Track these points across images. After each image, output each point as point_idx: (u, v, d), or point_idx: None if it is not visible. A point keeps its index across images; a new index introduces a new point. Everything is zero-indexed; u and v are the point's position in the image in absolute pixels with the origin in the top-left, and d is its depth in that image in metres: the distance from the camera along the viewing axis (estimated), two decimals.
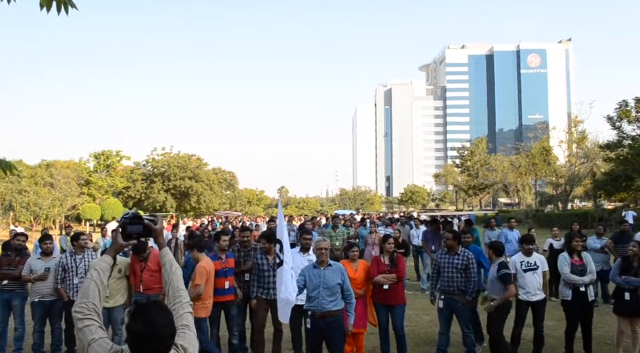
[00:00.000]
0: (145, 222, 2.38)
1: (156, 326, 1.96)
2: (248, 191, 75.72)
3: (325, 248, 5.57)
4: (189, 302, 2.33)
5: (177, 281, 2.35)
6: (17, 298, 7.30)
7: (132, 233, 2.37)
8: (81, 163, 54.18)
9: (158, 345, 1.98)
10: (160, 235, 2.47)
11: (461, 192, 71.80)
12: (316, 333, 5.37)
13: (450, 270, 6.49)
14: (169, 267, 2.40)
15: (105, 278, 2.34)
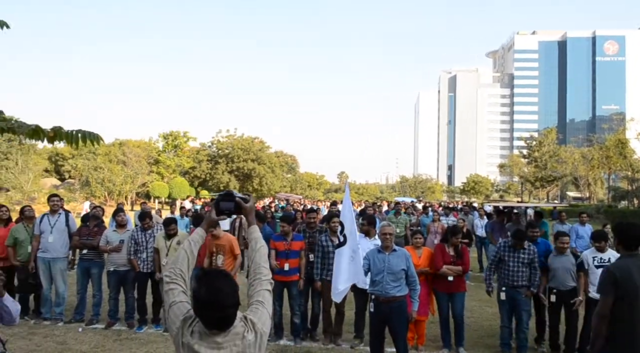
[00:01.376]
0: (236, 199, 2.43)
1: (218, 293, 2.02)
2: (309, 175, 76.41)
3: (390, 234, 5.55)
4: (269, 280, 2.34)
5: (260, 258, 2.37)
6: (95, 267, 7.74)
7: (224, 210, 2.44)
8: (151, 143, 56.44)
9: (219, 312, 2.04)
10: (250, 213, 2.50)
11: (527, 184, 69.28)
12: (379, 318, 5.38)
13: (516, 265, 6.34)
14: (254, 244, 2.44)
15: (195, 248, 2.44)
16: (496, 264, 6.59)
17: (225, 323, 2.07)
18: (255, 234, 2.46)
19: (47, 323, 7.56)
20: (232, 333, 2.07)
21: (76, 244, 7.85)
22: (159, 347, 6.52)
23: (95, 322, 7.55)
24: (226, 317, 2.06)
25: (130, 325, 7.42)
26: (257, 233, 2.47)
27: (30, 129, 3.03)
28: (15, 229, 7.87)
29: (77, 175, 48.20)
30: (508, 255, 6.42)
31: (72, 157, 51.26)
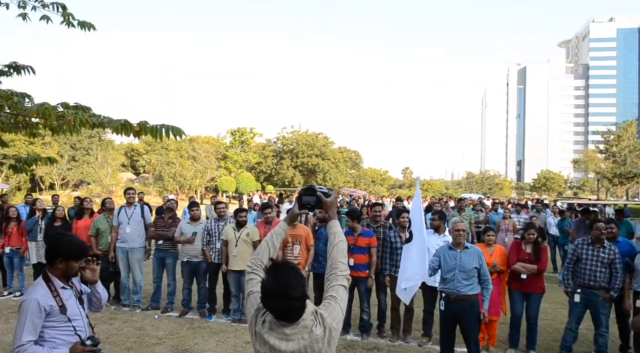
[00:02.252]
0: (318, 193, 2.44)
1: (284, 285, 2.02)
2: (372, 171, 75.97)
3: (462, 230, 5.39)
4: (346, 275, 2.30)
5: (337, 253, 2.34)
6: (170, 257, 8.08)
7: (306, 203, 2.46)
8: (219, 139, 58.08)
9: (284, 304, 2.04)
10: (331, 208, 2.48)
11: (604, 181, 65.50)
12: (450, 316, 5.25)
13: (594, 264, 5.94)
14: (332, 238, 2.41)
15: (277, 241, 2.50)
16: (574, 263, 6.24)
17: (291, 315, 2.07)
18: (334, 228, 2.43)
19: (126, 310, 7.97)
20: (300, 325, 2.07)
21: (152, 235, 8.23)
22: (229, 337, 6.70)
23: (169, 310, 7.88)
24: (291, 309, 2.06)
25: (202, 314, 7.68)
26: (336, 228, 2.44)
27: (119, 124, 3.19)
28: (97, 220, 8.37)
29: (150, 170, 50.52)
30: (586, 254, 6.04)
31: (147, 152, 53.73)
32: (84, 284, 3.21)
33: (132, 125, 3.21)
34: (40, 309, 2.84)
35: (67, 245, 2.98)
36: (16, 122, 3.87)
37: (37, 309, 2.84)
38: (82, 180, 43.83)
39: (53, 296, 2.94)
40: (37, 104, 3.22)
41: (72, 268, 3.02)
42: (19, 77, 4.13)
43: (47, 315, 2.89)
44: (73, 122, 3.17)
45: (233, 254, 7.32)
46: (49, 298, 2.92)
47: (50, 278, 2.99)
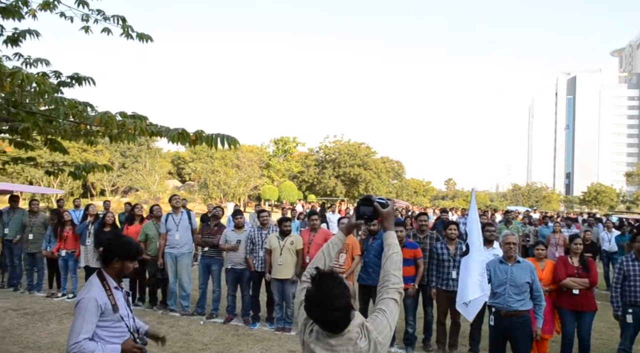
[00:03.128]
0: (374, 204, 2.40)
1: (327, 295, 2.00)
2: (415, 181, 75.24)
3: (513, 243, 5.23)
4: (398, 288, 2.25)
5: (390, 265, 2.29)
6: (215, 264, 8.20)
7: (364, 214, 2.42)
8: (262, 148, 58.88)
9: (326, 314, 2.02)
10: (387, 218, 2.43)
11: None
12: (500, 333, 5.09)
13: None
14: (387, 249, 2.37)
15: (333, 251, 2.49)
16: (621, 282, 5.88)
17: (334, 325, 2.05)
18: (389, 240, 2.38)
19: (173, 315, 8.13)
20: (345, 337, 2.04)
21: (198, 242, 8.39)
22: (272, 345, 6.72)
23: (214, 316, 7.99)
24: (334, 320, 2.03)
25: (246, 321, 7.75)
26: (391, 239, 2.39)
27: (176, 133, 3.28)
28: (146, 226, 8.60)
29: (196, 178, 51.68)
30: (633, 270, 5.74)
31: (192, 160, 55.03)
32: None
33: (188, 135, 3.29)
34: (97, 307, 2.93)
35: (124, 246, 3.09)
36: (77, 130, 4.05)
37: (95, 307, 2.93)
38: (130, 186, 45.25)
39: (107, 295, 3.03)
40: (100, 113, 3.35)
41: (127, 269, 3.15)
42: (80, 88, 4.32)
43: (101, 314, 2.97)
44: (133, 131, 3.29)
45: (278, 263, 7.36)
46: (104, 297, 3.01)
47: (105, 277, 3.10)
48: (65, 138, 4.42)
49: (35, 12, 4.38)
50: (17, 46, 4.61)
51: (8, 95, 3.51)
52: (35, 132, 3.93)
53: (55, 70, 4.48)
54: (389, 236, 2.39)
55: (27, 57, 4.64)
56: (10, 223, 9.84)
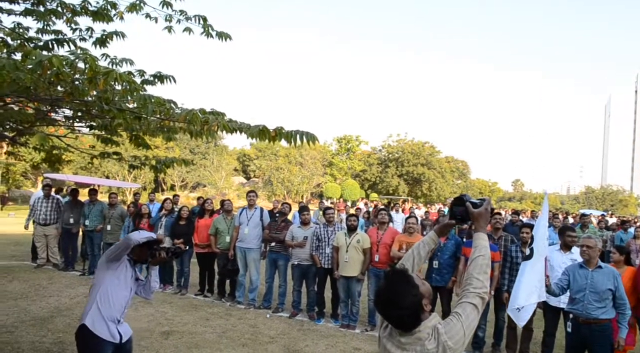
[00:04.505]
0: (466, 204, 2.33)
1: (392, 292, 2.02)
2: (480, 181, 73.13)
3: (589, 247, 4.97)
4: (479, 293, 2.14)
5: (474, 268, 2.20)
6: (282, 259, 8.35)
7: (457, 214, 2.38)
8: (326, 146, 59.23)
9: (391, 311, 2.03)
10: (478, 220, 2.31)
11: None
12: (577, 341, 4.86)
13: None
14: (473, 251, 2.28)
15: (423, 250, 2.48)
16: None
17: (400, 323, 2.05)
18: (477, 241, 2.29)
19: (240, 307, 8.36)
20: (415, 336, 2.03)
21: (266, 237, 8.57)
22: (337, 341, 6.76)
23: (280, 310, 8.14)
24: (399, 318, 2.04)
25: (311, 316, 7.84)
26: (479, 240, 2.28)
27: (257, 129, 3.39)
28: (216, 220, 8.89)
29: (260, 175, 52.76)
30: None
31: (257, 158, 56.19)
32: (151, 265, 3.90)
33: (269, 131, 3.37)
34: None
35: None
36: (161, 126, 4.25)
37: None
38: (198, 182, 46.81)
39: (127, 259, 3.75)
40: (185, 110, 3.51)
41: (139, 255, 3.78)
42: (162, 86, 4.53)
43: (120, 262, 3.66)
44: (216, 128, 3.42)
45: (344, 260, 7.40)
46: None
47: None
48: (147, 134, 4.66)
49: (122, 15, 4.64)
50: (104, 47, 4.89)
51: (100, 93, 3.75)
52: (122, 127, 4.18)
53: (140, 69, 4.73)
54: (477, 237, 2.30)
55: (113, 57, 4.91)
56: (90, 215, 10.46)
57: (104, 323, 3.52)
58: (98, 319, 3.52)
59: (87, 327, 3.49)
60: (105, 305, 3.55)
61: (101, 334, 3.50)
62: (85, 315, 3.55)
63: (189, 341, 6.45)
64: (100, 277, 3.64)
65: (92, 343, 3.49)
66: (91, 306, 3.55)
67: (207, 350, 6.16)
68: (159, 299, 8.56)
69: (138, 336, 6.54)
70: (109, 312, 3.55)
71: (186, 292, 9.13)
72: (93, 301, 3.55)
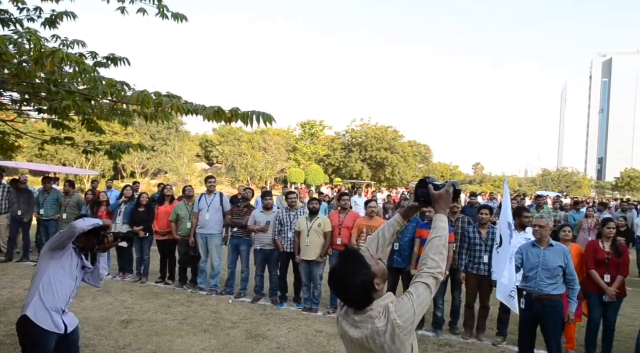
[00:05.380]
0: (428, 186, 2.35)
1: (343, 272, 2.08)
2: (442, 165, 74.55)
3: (540, 226, 5.14)
4: (433, 273, 2.13)
5: (430, 249, 2.19)
6: (244, 245, 8.30)
7: (420, 196, 2.39)
8: (289, 131, 59.00)
9: (341, 290, 2.10)
10: (438, 201, 2.31)
11: None
12: (531, 317, 5.04)
13: None
14: (431, 232, 2.27)
15: (388, 233, 2.49)
16: None
17: (351, 302, 2.10)
18: (435, 223, 2.28)
19: (202, 293, 8.30)
20: (367, 315, 2.07)
21: (228, 222, 8.51)
22: (300, 325, 6.80)
23: (243, 296, 8.13)
24: (351, 297, 2.08)
25: (274, 301, 7.86)
26: (437, 222, 2.27)
27: (212, 111, 3.31)
28: (177, 206, 8.76)
29: (223, 161, 52.22)
30: None
31: (220, 143, 55.54)
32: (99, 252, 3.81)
33: (224, 112, 3.31)
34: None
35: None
36: (114, 109, 4.12)
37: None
38: (160, 169, 45.98)
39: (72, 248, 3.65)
40: (138, 92, 3.39)
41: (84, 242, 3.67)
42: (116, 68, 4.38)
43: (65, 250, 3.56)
44: (170, 110, 3.33)
45: (305, 244, 7.43)
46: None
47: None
48: (101, 118, 4.51)
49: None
50: (54, 28, 4.69)
51: (48, 74, 3.60)
52: (74, 111, 4.03)
53: (92, 51, 4.56)
54: (436, 219, 2.29)
55: (64, 39, 4.72)
56: (45, 204, 10.15)
57: (47, 313, 3.43)
58: (41, 309, 3.42)
59: (28, 318, 3.39)
60: (49, 295, 3.46)
61: (44, 325, 3.41)
62: (27, 306, 3.44)
63: (149, 329, 6.36)
64: (43, 266, 3.52)
65: (35, 335, 3.39)
66: (33, 296, 3.44)
67: (167, 337, 6.09)
68: (118, 288, 8.40)
69: (96, 326, 6.42)
70: (53, 302, 3.46)
71: (146, 280, 9.00)
72: (35, 291, 3.45)
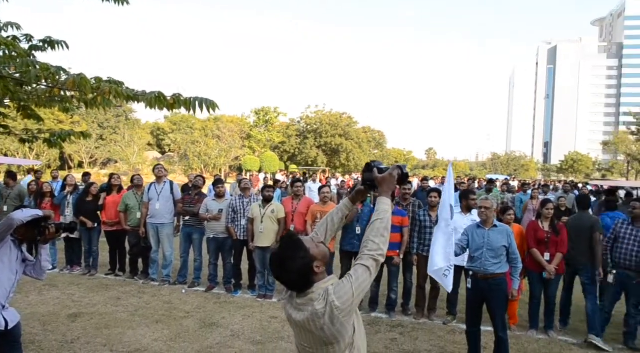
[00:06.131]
0: (373, 170, 2.36)
1: (281, 256, 2.10)
2: (396, 151, 75.71)
3: (486, 207, 5.31)
4: (373, 255, 2.15)
5: (370, 232, 2.21)
6: (197, 233, 8.19)
7: (367, 180, 2.39)
8: (243, 118, 58.34)
9: (279, 274, 2.12)
10: (381, 185, 2.31)
11: (635, 163, 63.89)
12: (477, 295, 5.21)
13: (632, 244, 5.83)
14: (373, 215, 2.27)
15: (337, 217, 2.49)
16: (612, 243, 6.09)
17: (291, 285, 2.13)
18: (378, 206, 2.28)
19: (154, 284, 8.15)
20: (307, 297, 2.08)
21: (180, 211, 8.35)
22: (254, 312, 6.80)
23: (196, 285, 8.03)
24: (289, 281, 2.11)
25: (228, 289, 7.80)
26: (380, 205, 2.27)
27: (152, 96, 3.21)
28: (126, 196, 8.53)
29: (176, 149, 51.18)
30: (625, 233, 5.94)
31: (172, 131, 54.38)
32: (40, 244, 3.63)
33: (166, 98, 3.21)
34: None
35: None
36: (52, 95, 3.94)
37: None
38: (109, 158, 44.65)
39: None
40: (73, 75, 3.24)
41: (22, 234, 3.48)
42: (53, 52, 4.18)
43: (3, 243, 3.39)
44: (108, 94, 3.20)
45: (259, 231, 7.40)
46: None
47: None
48: (39, 105, 4.30)
49: None
50: None
51: None
52: (8, 97, 3.82)
53: (27, 34, 4.33)
54: (379, 202, 2.30)
55: None
56: None
57: None
58: None
59: None
60: None
61: None
62: None
63: (99, 322, 6.20)
64: None
65: None
66: None
67: (118, 329, 5.96)
68: (66, 281, 8.15)
69: (42, 320, 6.21)
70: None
71: (96, 273, 8.75)
72: None
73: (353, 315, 2.10)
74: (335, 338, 2.05)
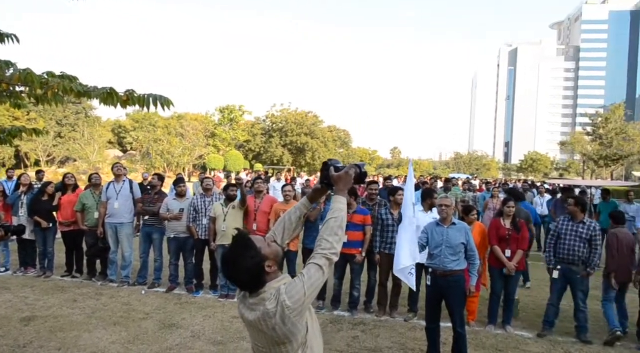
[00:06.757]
0: (329, 168, 2.33)
1: (231, 256, 2.07)
2: (361, 150, 76.18)
3: (446, 205, 5.40)
4: (325, 254, 2.11)
5: (325, 230, 2.18)
6: (157, 233, 8.03)
7: (323, 179, 2.37)
8: (208, 116, 57.59)
9: (230, 274, 2.10)
10: (337, 183, 2.29)
11: (590, 162, 66.16)
12: (436, 292, 5.29)
13: (573, 239, 6.07)
14: (328, 214, 2.25)
15: (294, 216, 2.44)
16: (555, 239, 6.29)
17: (242, 285, 2.11)
18: (332, 204, 2.26)
19: (113, 285, 7.95)
20: (259, 297, 2.07)
21: (139, 210, 8.17)
22: (216, 312, 6.72)
23: (156, 286, 7.88)
24: (240, 280, 2.09)
25: (189, 289, 7.68)
26: (335, 203, 2.25)
27: (104, 92, 3.11)
28: (83, 195, 8.29)
29: (138, 147, 50.14)
30: (565, 229, 6.17)
31: (134, 129, 53.23)
32: None
33: (118, 94, 3.12)
34: None
35: None
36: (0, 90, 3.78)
37: None
38: (67, 156, 43.37)
39: None
40: (19, 70, 3.12)
41: None
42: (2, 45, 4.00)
43: None
44: (57, 90, 3.09)
45: (221, 229, 7.31)
46: None
47: None
48: None
49: None
50: None
51: None
52: None
53: None
54: (334, 200, 2.28)
55: None
56: None
57: None
58: None
59: None
60: None
61: None
62: None
63: (53, 325, 6.01)
64: None
65: None
66: None
67: (73, 332, 5.78)
68: (18, 284, 7.87)
69: (2, 323, 5.98)
70: None
71: (51, 274, 8.47)
72: None
73: (305, 315, 2.08)
74: (287, 337, 2.03)
